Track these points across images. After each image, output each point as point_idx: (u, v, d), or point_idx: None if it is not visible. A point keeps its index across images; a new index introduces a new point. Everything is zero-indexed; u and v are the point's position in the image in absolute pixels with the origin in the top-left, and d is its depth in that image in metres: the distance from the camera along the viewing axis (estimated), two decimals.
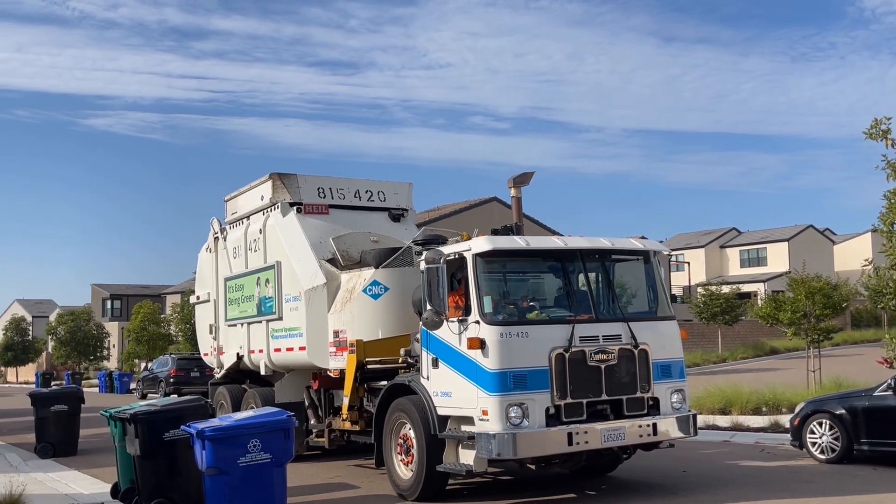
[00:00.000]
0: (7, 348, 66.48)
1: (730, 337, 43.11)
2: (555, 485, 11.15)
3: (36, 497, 10.35)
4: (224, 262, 15.84)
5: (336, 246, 12.97)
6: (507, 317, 9.63)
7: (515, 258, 10.47)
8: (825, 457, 12.04)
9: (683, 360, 10.54)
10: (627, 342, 9.76)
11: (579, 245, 10.39)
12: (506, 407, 8.99)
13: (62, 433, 16.35)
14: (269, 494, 8.55)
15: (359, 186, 14.51)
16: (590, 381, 9.44)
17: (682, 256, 69.18)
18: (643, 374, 9.80)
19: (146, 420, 9.42)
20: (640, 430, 9.70)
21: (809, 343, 21.52)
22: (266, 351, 14.04)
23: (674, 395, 10.10)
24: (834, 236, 74.77)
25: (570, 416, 9.27)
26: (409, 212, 14.98)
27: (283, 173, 13.98)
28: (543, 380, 9.18)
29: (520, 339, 9.28)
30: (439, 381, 9.78)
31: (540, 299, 10.38)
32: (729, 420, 16.18)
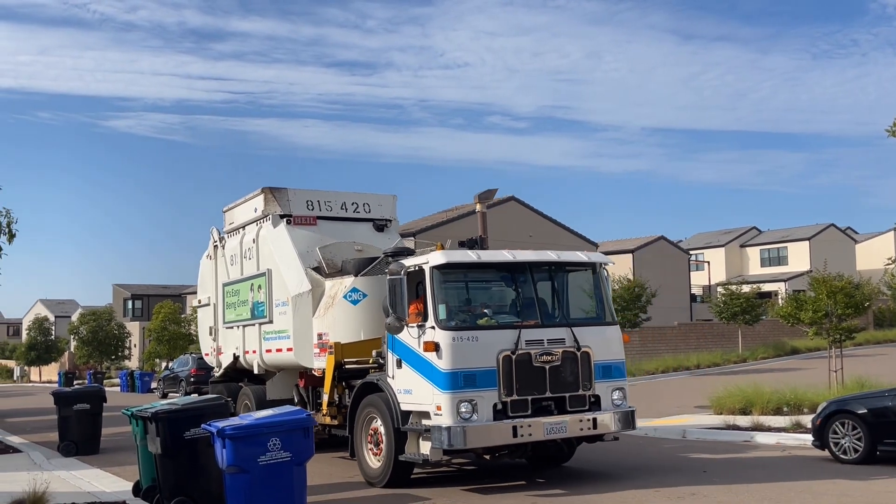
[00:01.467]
0: (30, 348, 67.14)
1: (750, 337, 42.81)
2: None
3: (59, 495, 10.45)
4: (222, 269, 16.84)
5: (322, 255, 13.95)
6: (459, 323, 10.66)
7: (468, 270, 11.46)
8: (847, 457, 11.94)
9: (624, 362, 11.67)
10: (571, 345, 10.80)
11: (526, 258, 11.41)
12: (457, 403, 10.12)
13: (85, 432, 16.49)
14: (288, 493, 8.59)
15: (345, 199, 15.46)
16: (535, 380, 10.50)
17: (702, 256, 68.76)
18: (585, 373, 10.85)
19: (167, 419, 9.50)
20: (581, 424, 10.80)
21: (831, 343, 21.34)
22: (259, 352, 15.08)
23: (615, 393, 11.26)
24: (856, 235, 74.05)
25: (516, 412, 10.34)
26: (392, 222, 15.91)
27: (274, 188, 15.00)
28: (491, 379, 10.28)
29: (470, 343, 10.37)
30: (402, 380, 10.85)
31: (491, 306, 11.40)
32: (750, 420, 16.06)
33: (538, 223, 45.10)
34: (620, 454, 13.72)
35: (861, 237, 73.77)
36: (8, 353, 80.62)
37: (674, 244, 58.42)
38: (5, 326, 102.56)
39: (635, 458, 13.60)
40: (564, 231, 46.38)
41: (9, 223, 20.30)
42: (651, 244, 55.25)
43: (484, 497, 10.61)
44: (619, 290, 34.22)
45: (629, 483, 11.14)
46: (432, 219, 44.81)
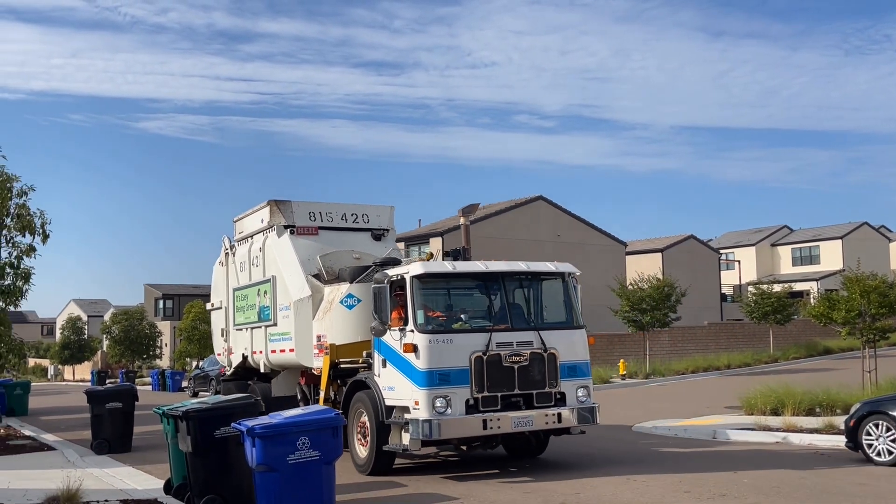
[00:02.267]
0: (64, 347, 68.11)
1: (781, 336, 42.36)
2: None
3: (92, 492, 10.59)
4: (233, 275, 17.97)
5: (322, 263, 15.06)
6: (436, 327, 11.71)
7: (445, 279, 12.63)
8: (881, 459, 11.77)
9: (589, 362, 12.58)
10: (538, 347, 11.86)
11: (498, 268, 12.67)
12: (432, 399, 11.21)
13: (117, 430, 16.69)
14: (317, 491, 8.64)
15: (345, 210, 16.38)
16: (504, 378, 11.57)
17: (733, 255, 68.12)
18: (551, 373, 11.88)
19: (198, 417, 9.58)
20: (546, 418, 11.81)
21: (865, 343, 21.05)
22: (265, 352, 16.10)
23: (579, 391, 12.20)
24: (889, 233, 72.91)
25: (487, 407, 11.44)
26: (389, 231, 16.83)
27: (279, 200, 16.00)
28: (464, 377, 11.37)
29: (445, 345, 11.47)
30: (386, 378, 12.00)
31: (466, 312, 12.41)
32: (781, 421, 15.88)
33: (566, 222, 44.94)
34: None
35: (895, 235, 72.66)
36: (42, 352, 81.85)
37: (704, 243, 57.94)
38: (40, 326, 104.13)
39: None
40: (593, 230, 46.17)
41: (42, 224, 20.57)
42: (681, 243, 54.84)
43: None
44: (648, 290, 34.02)
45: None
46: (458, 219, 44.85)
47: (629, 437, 16.33)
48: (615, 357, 35.63)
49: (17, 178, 20.64)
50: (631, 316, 34.43)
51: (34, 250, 20.81)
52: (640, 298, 33.87)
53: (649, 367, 33.89)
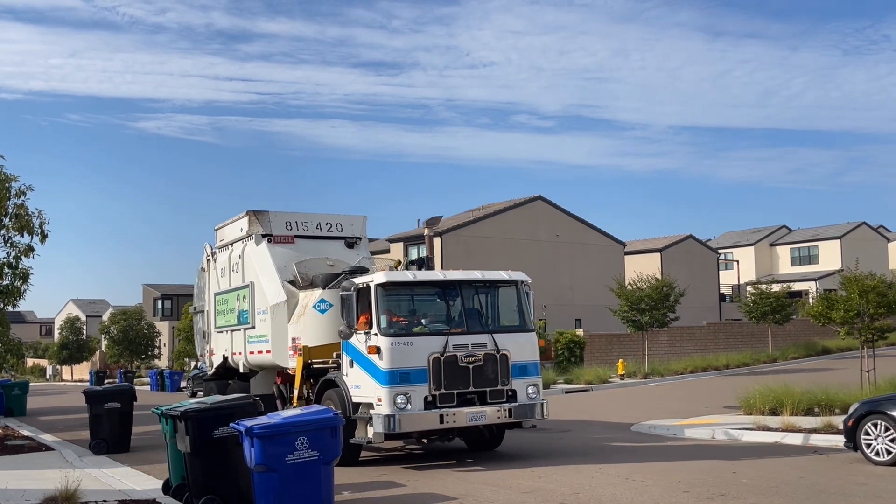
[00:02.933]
0: (62, 347, 68.08)
1: (780, 336, 42.38)
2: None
3: (90, 492, 10.58)
4: (214, 280, 18.92)
5: (297, 270, 15.94)
6: (397, 330, 12.72)
7: (407, 287, 13.56)
8: (880, 459, 11.76)
9: (538, 363, 13.70)
10: (492, 349, 12.91)
11: (455, 277, 13.69)
12: (394, 396, 12.25)
13: (115, 430, 16.68)
14: (316, 492, 8.63)
15: (320, 220, 17.28)
16: (460, 377, 12.63)
17: (731, 255, 68.15)
18: (503, 372, 12.96)
19: (196, 418, 9.57)
20: (498, 413, 12.86)
21: (863, 343, 21.05)
22: (244, 353, 17.06)
23: (529, 388, 13.26)
24: (888, 233, 72.96)
25: (444, 403, 12.47)
26: (362, 240, 17.72)
27: (257, 211, 16.87)
28: (423, 376, 12.41)
29: (406, 347, 12.48)
30: (353, 377, 13.08)
31: (426, 316, 13.46)
32: (780, 421, 15.88)
33: (565, 222, 44.96)
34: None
35: (894, 236, 72.74)
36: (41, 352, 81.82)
37: (702, 243, 57.95)
38: (38, 326, 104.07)
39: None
40: (592, 230, 46.17)
41: (41, 224, 20.54)
42: (679, 243, 54.85)
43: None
44: (646, 290, 34.03)
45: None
46: (459, 218, 44.80)
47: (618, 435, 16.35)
48: (614, 357, 35.64)
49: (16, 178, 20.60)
50: (630, 316, 34.44)
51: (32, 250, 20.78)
52: (638, 298, 33.88)
53: (648, 367, 33.89)
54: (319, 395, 14.05)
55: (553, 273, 43.47)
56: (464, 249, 40.57)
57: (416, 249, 42.01)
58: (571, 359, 35.33)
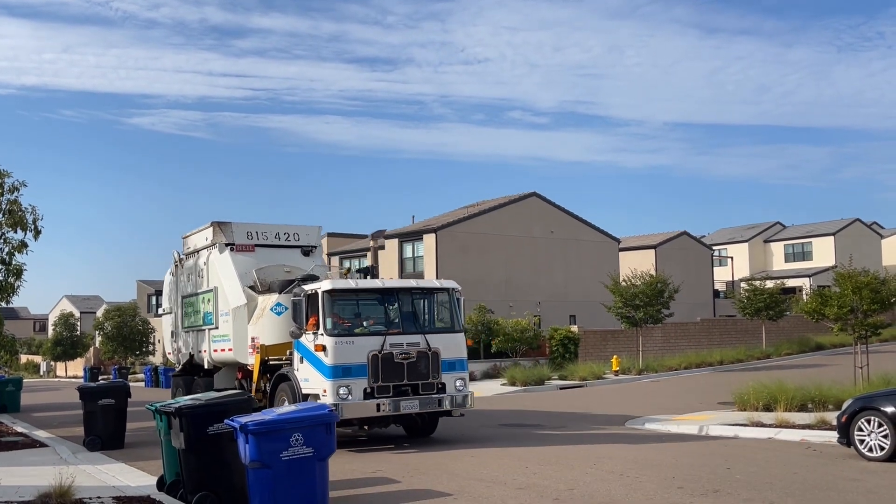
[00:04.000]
0: (56, 343, 67.86)
1: (774, 332, 42.46)
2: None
3: (85, 489, 10.56)
4: (182, 284, 20.57)
5: (257, 276, 17.68)
6: (341, 331, 14.53)
7: (350, 293, 15.53)
8: (873, 455, 11.80)
9: (466, 359, 15.61)
10: (424, 347, 14.77)
11: (392, 285, 16.04)
12: (337, 388, 14.09)
13: (110, 427, 16.67)
14: (311, 488, 8.63)
15: (279, 230, 18.97)
16: (395, 371, 14.49)
17: (725, 251, 68.25)
18: (434, 367, 14.83)
19: (191, 414, 9.56)
20: (429, 403, 14.71)
21: (856, 339, 21.12)
22: (208, 351, 18.74)
23: (457, 382, 15.15)
24: (882, 230, 73.11)
25: (381, 394, 14.33)
26: (317, 248, 19.43)
27: (221, 222, 18.53)
28: (363, 371, 14.27)
29: (348, 345, 14.33)
30: (303, 372, 14.91)
31: (368, 319, 15.32)
32: (773, 417, 15.94)
33: (560, 219, 44.98)
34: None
35: (887, 232, 72.88)
36: (34, 348, 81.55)
37: (697, 239, 58.03)
38: (32, 322, 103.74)
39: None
40: (586, 226, 46.20)
41: (34, 220, 20.49)
42: (674, 239, 54.91)
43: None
44: (641, 286, 34.07)
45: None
46: (453, 214, 44.78)
47: (612, 431, 16.39)
48: (608, 353, 35.69)
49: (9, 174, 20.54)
50: (624, 312, 34.48)
51: (26, 246, 20.73)
52: (633, 295, 33.92)
53: (642, 363, 33.95)
54: (274, 388, 15.83)
55: (547, 269, 43.50)
56: (458, 246, 40.57)
57: (411, 246, 41.99)
58: (566, 355, 35.38)
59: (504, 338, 34.42)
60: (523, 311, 37.75)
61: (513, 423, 18.92)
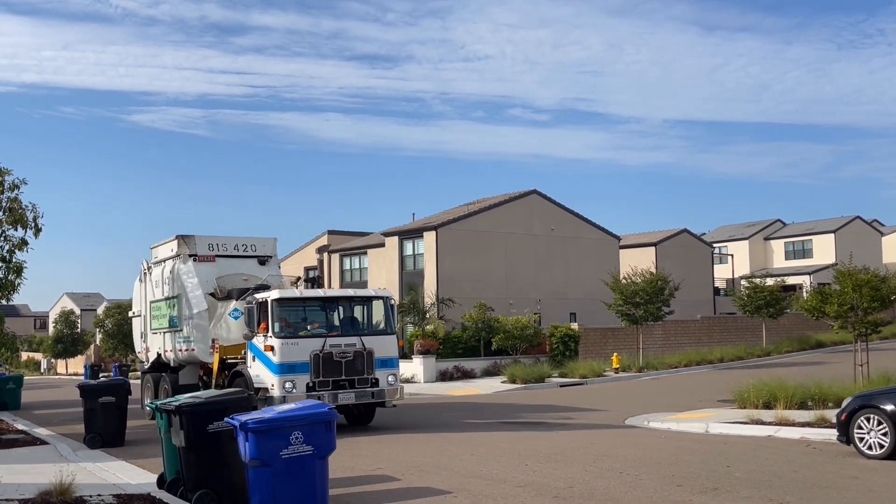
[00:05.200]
0: (57, 341, 67.95)
1: (774, 330, 42.47)
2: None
3: (85, 486, 10.57)
4: (150, 290, 22.43)
5: (217, 284, 19.80)
6: (287, 333, 16.66)
7: (296, 301, 17.59)
8: (873, 453, 11.81)
9: (397, 357, 17.74)
10: (360, 348, 16.84)
11: (332, 294, 18.54)
12: (283, 382, 16.20)
13: (110, 424, 16.66)
14: (311, 486, 8.63)
15: (237, 241, 20.96)
16: (335, 368, 16.56)
17: (726, 249, 68.24)
18: (369, 364, 16.91)
19: (191, 412, 9.56)
20: (363, 396, 16.81)
21: (857, 336, 21.11)
22: (173, 351, 20.71)
23: (389, 377, 17.18)
24: (882, 227, 73.08)
25: (321, 388, 16.37)
26: (272, 258, 21.41)
27: (185, 235, 20.43)
28: (306, 368, 16.36)
29: (293, 346, 16.45)
30: (255, 369, 17.03)
31: (311, 323, 17.44)
32: (773, 415, 15.94)
33: (560, 216, 44.97)
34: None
35: (887, 230, 72.86)
36: (35, 345, 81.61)
37: (697, 237, 58.01)
38: (32, 319, 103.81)
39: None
40: (586, 224, 46.20)
41: (35, 218, 20.50)
42: (674, 237, 54.89)
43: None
44: (641, 284, 34.08)
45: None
46: (453, 212, 44.77)
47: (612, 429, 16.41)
48: (608, 351, 35.70)
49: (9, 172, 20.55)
50: (624, 310, 34.49)
51: (26, 244, 20.75)
52: (633, 292, 33.93)
53: (642, 361, 33.97)
54: (231, 382, 17.75)
55: (547, 267, 43.50)
56: (458, 244, 40.57)
57: (411, 244, 41.98)
58: (566, 352, 35.40)
59: (504, 335, 34.42)
60: (523, 309, 37.74)
61: (513, 420, 18.93)
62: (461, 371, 33.80)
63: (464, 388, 29.37)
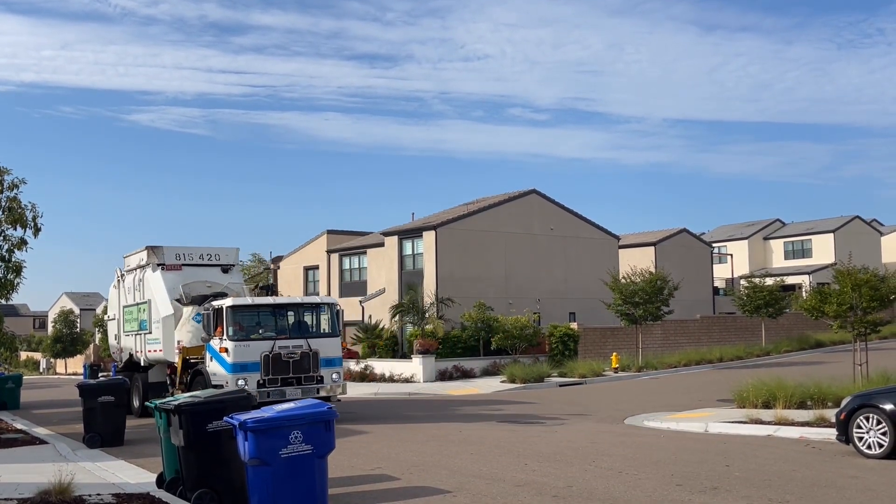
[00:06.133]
0: (56, 340, 67.91)
1: (773, 330, 42.46)
2: None
3: (84, 486, 10.57)
4: (123, 296, 24.86)
5: (183, 290, 21.66)
6: (240, 336, 18.43)
7: (249, 308, 19.45)
8: (872, 452, 11.82)
9: (341, 357, 19.74)
10: (306, 349, 18.59)
11: (281, 301, 20.42)
12: (236, 380, 17.77)
13: (109, 424, 16.68)
14: (310, 485, 8.63)
15: (202, 251, 22.85)
16: (283, 367, 18.30)
17: (725, 248, 68.24)
18: (314, 364, 18.64)
19: (190, 411, 9.56)
20: (309, 391, 18.17)
21: (856, 336, 21.11)
22: (143, 351, 22.81)
23: (333, 375, 18.98)
24: (881, 227, 73.05)
25: (271, 384, 18.10)
26: (235, 266, 23.52)
27: (154, 246, 22.49)
28: (257, 367, 18.10)
29: (245, 347, 18.21)
30: (212, 368, 18.72)
31: (263, 327, 19.17)
32: (772, 414, 15.94)
33: (560, 216, 44.95)
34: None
35: (887, 229, 72.85)
36: (34, 345, 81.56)
37: (696, 237, 57.98)
38: (32, 319, 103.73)
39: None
40: (586, 224, 46.17)
41: (34, 217, 20.51)
42: (673, 237, 54.86)
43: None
44: (640, 283, 34.05)
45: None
46: (453, 212, 44.76)
47: (611, 428, 16.40)
48: (608, 350, 35.69)
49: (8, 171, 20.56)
50: (624, 309, 34.47)
51: (26, 243, 20.75)
52: (632, 292, 33.90)
53: (642, 361, 33.95)
54: (192, 380, 19.56)
55: (547, 266, 43.47)
56: (458, 243, 40.54)
57: (410, 243, 41.94)
58: (565, 352, 35.38)
59: (503, 335, 34.41)
60: (523, 309, 37.72)
61: (512, 420, 18.93)
62: (460, 371, 33.79)
63: (463, 388, 29.37)
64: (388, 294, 41.84)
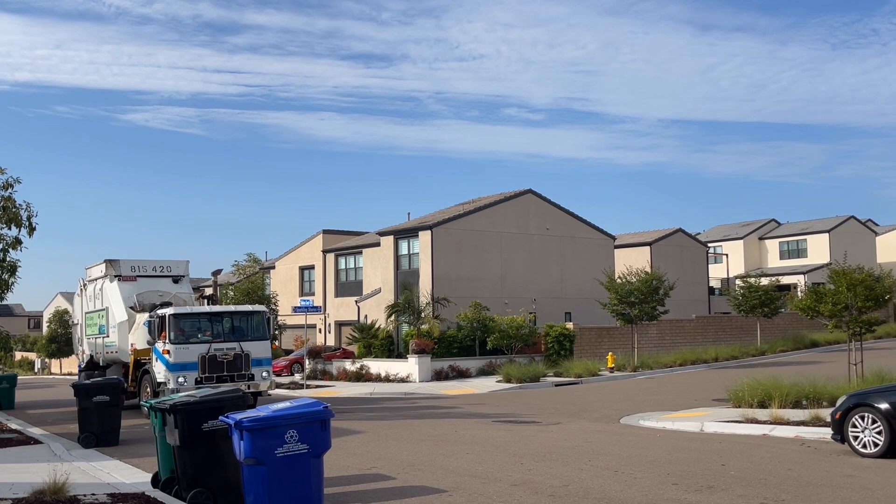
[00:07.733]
0: (51, 340, 67.71)
1: (769, 329, 42.54)
2: None
3: (79, 485, 10.54)
4: (85, 303, 27.90)
5: (137, 299, 24.79)
6: (180, 340, 21.24)
7: (189, 316, 22.05)
8: (867, 451, 11.84)
9: (270, 358, 22.95)
10: (239, 351, 21.73)
11: (217, 309, 23.40)
12: (176, 378, 20.71)
13: (104, 423, 16.62)
14: (306, 485, 8.61)
15: (155, 264, 26.00)
16: (218, 367, 21.33)
17: (721, 248, 68.35)
18: (246, 364, 21.80)
19: (185, 411, 9.53)
20: (242, 387, 20.23)
21: (851, 336, 21.15)
22: (102, 353, 25.97)
23: (263, 373, 22.15)
24: (876, 227, 73.23)
25: (207, 382, 20.79)
26: (185, 277, 26.57)
27: (112, 259, 25.48)
28: (195, 366, 21.09)
29: (185, 349, 21.13)
30: (156, 368, 21.67)
31: (201, 331, 21.88)
32: (768, 414, 15.97)
33: (555, 216, 44.97)
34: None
35: (881, 229, 73.00)
36: (29, 345, 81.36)
37: (692, 237, 58.08)
38: (26, 319, 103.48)
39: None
40: (582, 223, 46.19)
41: (29, 216, 20.47)
42: (669, 237, 54.94)
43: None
44: (636, 283, 34.09)
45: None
46: (449, 211, 44.74)
47: (607, 428, 16.40)
48: (603, 350, 35.71)
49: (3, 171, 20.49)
50: (619, 309, 34.50)
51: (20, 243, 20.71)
52: (628, 292, 33.94)
53: (637, 360, 33.99)
54: (141, 378, 22.73)
55: (543, 266, 43.49)
56: (453, 243, 40.53)
57: (406, 243, 41.93)
58: (561, 352, 35.41)
59: (499, 335, 34.41)
60: (519, 308, 37.73)
61: (508, 419, 18.93)
62: (456, 370, 33.80)
63: (459, 388, 29.37)
64: (384, 294, 41.81)
